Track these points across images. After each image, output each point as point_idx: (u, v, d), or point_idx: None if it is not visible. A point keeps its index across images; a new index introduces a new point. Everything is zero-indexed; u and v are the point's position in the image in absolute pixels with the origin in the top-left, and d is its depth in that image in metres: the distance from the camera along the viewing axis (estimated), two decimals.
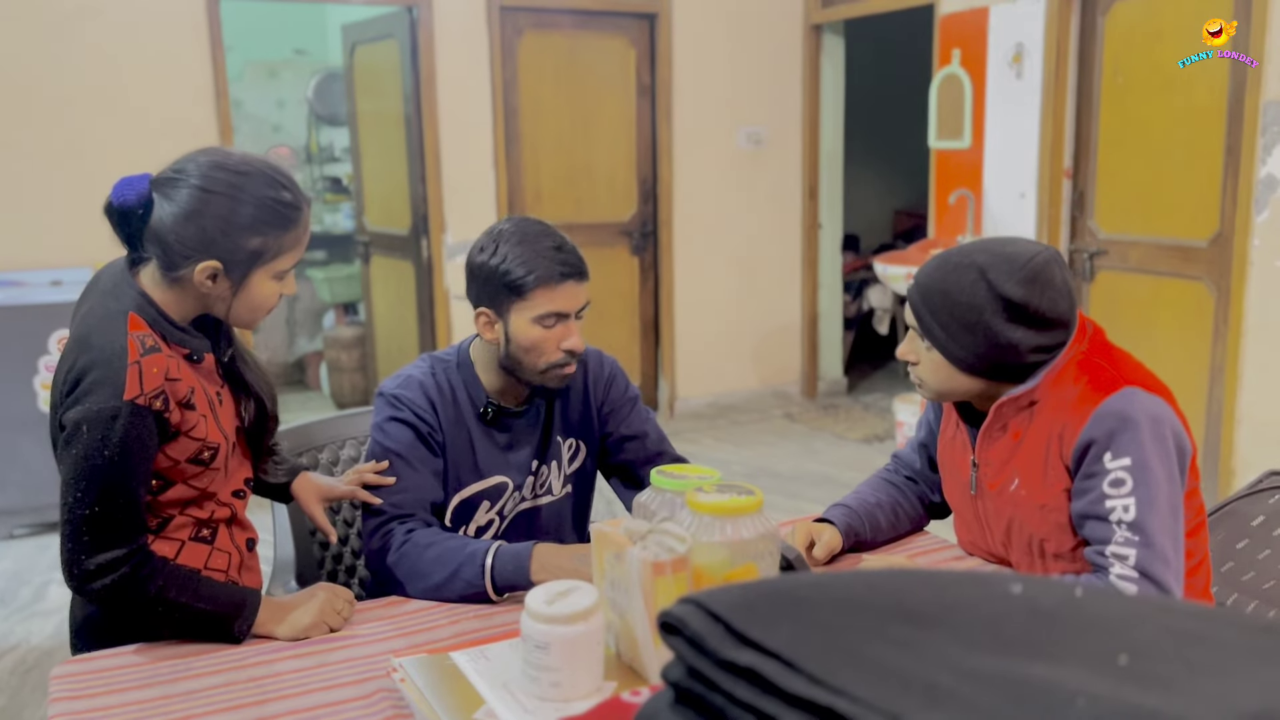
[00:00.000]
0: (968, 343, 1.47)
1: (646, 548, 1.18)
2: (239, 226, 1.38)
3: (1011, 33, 4.35)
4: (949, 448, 1.68)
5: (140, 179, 1.39)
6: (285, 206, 1.41)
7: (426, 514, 1.65)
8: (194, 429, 1.41)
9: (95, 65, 4.18)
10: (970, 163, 4.61)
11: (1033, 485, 1.52)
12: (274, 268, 1.43)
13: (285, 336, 6.53)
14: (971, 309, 1.46)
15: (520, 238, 1.63)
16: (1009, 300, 1.44)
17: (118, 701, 1.28)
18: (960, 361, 1.50)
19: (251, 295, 1.43)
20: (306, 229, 1.45)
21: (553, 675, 1.14)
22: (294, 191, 1.43)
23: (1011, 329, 1.45)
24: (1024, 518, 1.54)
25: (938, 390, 1.56)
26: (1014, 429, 1.53)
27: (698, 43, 5.32)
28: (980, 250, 1.49)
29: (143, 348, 1.35)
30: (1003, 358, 1.47)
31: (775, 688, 0.54)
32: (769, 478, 4.48)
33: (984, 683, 0.52)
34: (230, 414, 1.52)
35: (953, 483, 1.68)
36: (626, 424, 1.82)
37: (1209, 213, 3.71)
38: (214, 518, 1.51)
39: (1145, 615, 0.62)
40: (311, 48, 6.75)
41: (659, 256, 5.48)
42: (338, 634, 1.45)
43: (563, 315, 1.64)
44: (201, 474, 1.45)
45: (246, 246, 1.39)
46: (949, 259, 1.51)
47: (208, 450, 1.44)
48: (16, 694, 2.84)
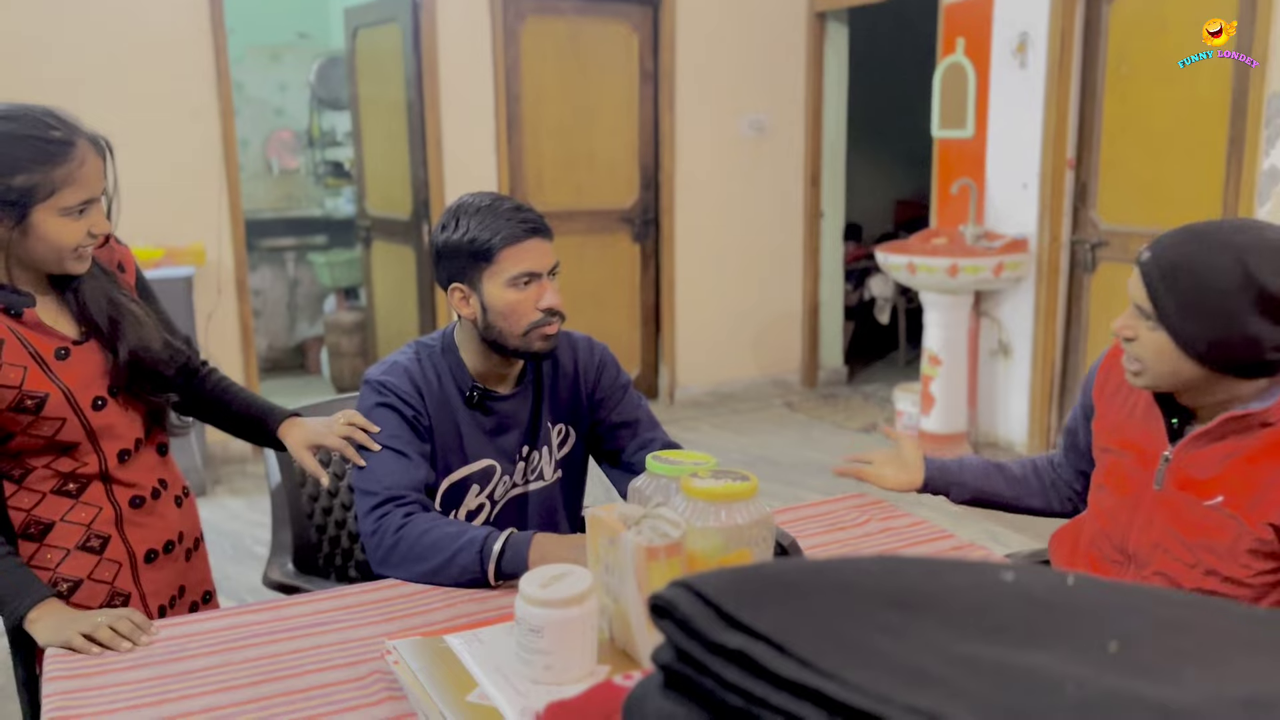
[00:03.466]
0: (1205, 327, 1.36)
1: (641, 532, 1.18)
2: (4, 167, 1.42)
3: (1016, 22, 4.33)
4: (1122, 430, 1.57)
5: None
6: (52, 143, 1.45)
7: (421, 496, 1.65)
8: (0, 377, 1.46)
9: (98, 47, 4.16)
10: (973, 152, 4.59)
11: (1238, 506, 1.42)
12: (55, 204, 1.46)
13: (286, 321, 6.53)
14: (1220, 293, 1.33)
15: (478, 207, 1.66)
16: (1265, 291, 1.32)
17: (111, 681, 1.28)
18: (1190, 347, 1.38)
19: (41, 234, 1.46)
20: (83, 163, 1.47)
21: (546, 658, 1.15)
22: (64, 129, 1.47)
23: (1259, 322, 1.33)
24: (1206, 533, 1.45)
25: (1156, 374, 1.44)
26: (1233, 443, 1.43)
27: (701, 29, 5.30)
28: (1238, 230, 1.37)
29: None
30: (1239, 351, 1.36)
31: (765, 670, 0.54)
32: (768, 466, 4.49)
33: (974, 668, 0.52)
34: (89, 368, 1.55)
35: (1123, 466, 1.57)
36: (618, 411, 1.83)
37: (1212, 204, 3.70)
38: (80, 472, 1.55)
39: (1137, 604, 0.62)
40: (314, 31, 6.73)
41: (660, 244, 5.47)
42: (332, 617, 1.45)
43: (534, 274, 1.66)
44: (37, 423, 1.50)
45: (14, 185, 1.43)
46: (1200, 234, 1.39)
47: (30, 399, 1.48)
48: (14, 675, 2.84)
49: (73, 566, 1.56)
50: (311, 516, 1.99)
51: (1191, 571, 1.46)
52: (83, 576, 1.57)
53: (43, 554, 1.55)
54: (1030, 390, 4.47)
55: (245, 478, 4.36)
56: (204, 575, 1.76)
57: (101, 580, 1.58)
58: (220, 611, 1.51)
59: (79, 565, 1.56)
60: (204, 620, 1.45)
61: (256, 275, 6.29)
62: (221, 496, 4.16)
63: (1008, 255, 4.31)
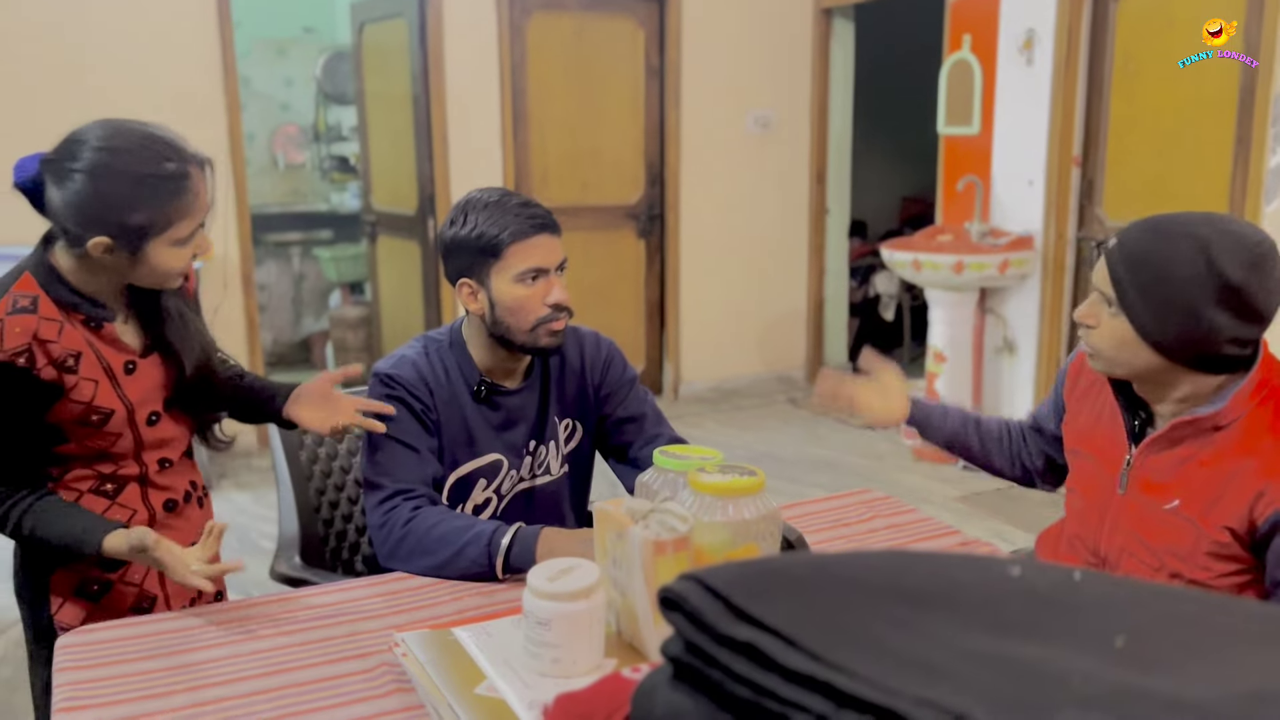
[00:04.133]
0: (1165, 317, 1.37)
1: (648, 526, 1.19)
2: (122, 206, 1.40)
3: (1023, 19, 4.32)
4: (1089, 434, 1.60)
5: (31, 160, 1.44)
6: (168, 179, 1.42)
7: (429, 490, 1.66)
8: (75, 390, 1.45)
9: (104, 40, 4.17)
10: (979, 149, 4.59)
11: (1193, 509, 1.44)
12: (169, 237, 1.44)
13: (291, 316, 6.54)
14: (1182, 283, 1.35)
15: (486, 203, 1.67)
16: (1227, 282, 1.33)
17: (122, 672, 1.29)
18: (1150, 336, 1.39)
19: (152, 264, 1.45)
20: (198, 195, 1.46)
21: (553, 651, 1.15)
22: (178, 160, 1.43)
23: (1218, 313, 1.35)
24: (1166, 537, 1.46)
25: (1112, 360, 1.46)
26: (1186, 448, 1.44)
27: (707, 25, 5.30)
28: (1202, 222, 1.38)
29: (13, 306, 1.41)
30: (1198, 342, 1.38)
31: (774, 663, 0.55)
32: (772, 462, 4.49)
33: (981, 662, 0.53)
34: (150, 382, 1.55)
35: (1089, 470, 1.60)
36: (624, 406, 1.83)
37: (1218, 202, 3.70)
38: (119, 474, 1.55)
39: (1142, 600, 0.63)
40: (320, 26, 6.73)
41: (665, 240, 5.47)
42: (339, 609, 1.46)
43: (542, 270, 1.66)
44: (95, 435, 1.49)
45: (132, 222, 1.41)
46: (1164, 226, 1.41)
47: (96, 414, 1.48)
48: (22, 665, 2.86)
49: (104, 567, 1.55)
50: (318, 510, 2.00)
51: (1157, 575, 1.47)
52: (114, 579, 1.56)
53: None
54: (1035, 388, 4.46)
55: (251, 472, 4.37)
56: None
57: (131, 583, 1.58)
58: (228, 604, 1.51)
59: (109, 566, 1.55)
60: (213, 613, 1.46)
61: (262, 270, 6.30)
62: (228, 490, 4.17)
63: (1013, 252, 4.31)
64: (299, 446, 2.00)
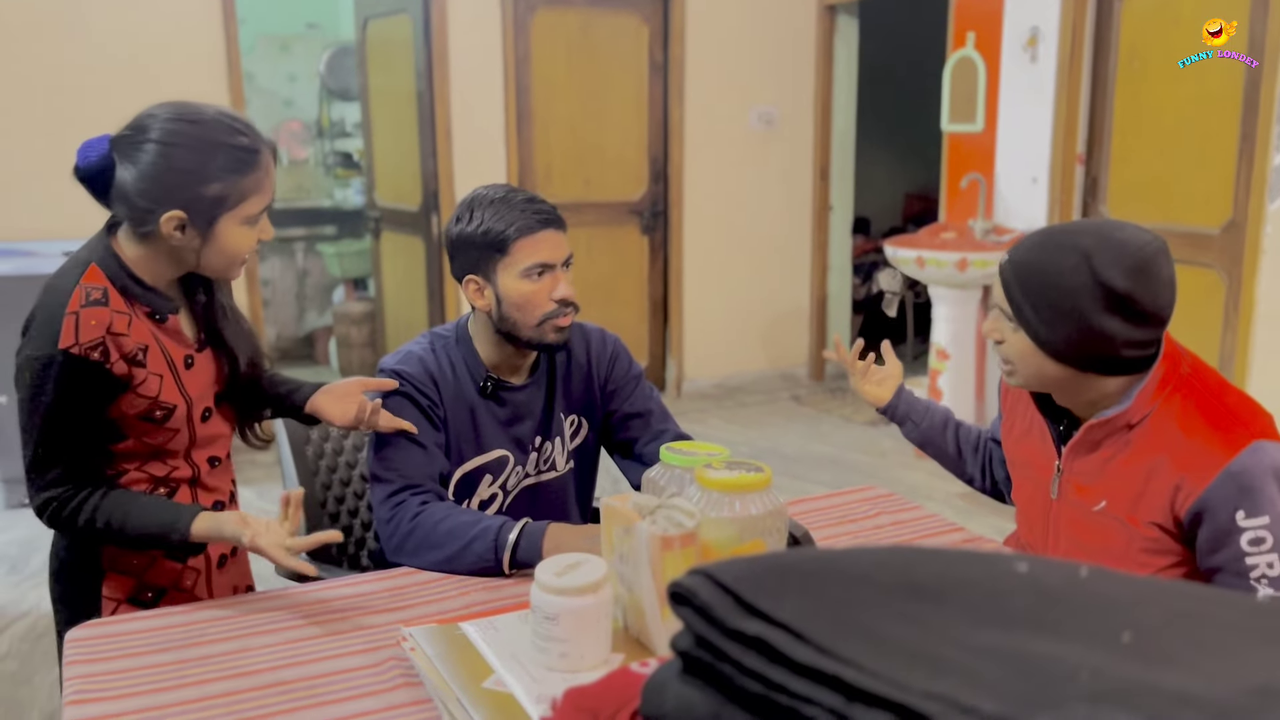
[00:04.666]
0: (1058, 328, 1.41)
1: (655, 522, 1.19)
2: (199, 175, 1.40)
3: (1027, 16, 4.32)
4: (1023, 443, 1.63)
5: (100, 141, 1.42)
6: (243, 151, 1.42)
7: (435, 485, 1.67)
8: (142, 385, 1.44)
9: (108, 36, 4.18)
10: (983, 146, 4.59)
11: (1120, 509, 1.46)
12: (240, 213, 1.44)
13: (295, 311, 6.55)
14: (1068, 293, 1.38)
15: (492, 199, 1.67)
16: (1111, 289, 1.36)
17: (131, 665, 1.30)
18: (1048, 346, 1.43)
19: (222, 242, 1.45)
20: (268, 173, 1.47)
21: (561, 646, 1.16)
22: (251, 136, 1.44)
23: (1108, 319, 1.38)
24: (1101, 538, 1.49)
25: (1025, 376, 1.49)
26: (1106, 449, 1.48)
27: (711, 21, 5.29)
28: (1086, 232, 1.41)
29: (86, 299, 1.39)
30: (1094, 349, 1.41)
31: (783, 657, 0.55)
32: (775, 459, 4.49)
33: (989, 656, 0.53)
34: (206, 378, 1.55)
35: (1027, 483, 1.63)
36: (630, 402, 1.84)
37: (1222, 200, 3.69)
38: (172, 477, 1.54)
39: (1149, 596, 0.63)
40: (324, 22, 6.73)
41: (669, 236, 5.47)
42: (347, 604, 1.47)
43: (548, 266, 1.67)
44: (155, 431, 1.48)
45: (208, 193, 1.40)
46: (1051, 237, 1.44)
47: (160, 410, 1.47)
48: (28, 659, 2.87)
49: (158, 575, 1.55)
50: (324, 505, 2.01)
51: None
52: (166, 585, 1.56)
53: (127, 559, 1.53)
54: None
55: (256, 467, 4.38)
56: (246, 570, 1.75)
57: (183, 588, 1.58)
58: (236, 599, 1.52)
59: (164, 574, 1.56)
60: (221, 606, 1.47)
61: (266, 265, 6.31)
62: None
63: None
64: (305, 441, 2.01)
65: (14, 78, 4.07)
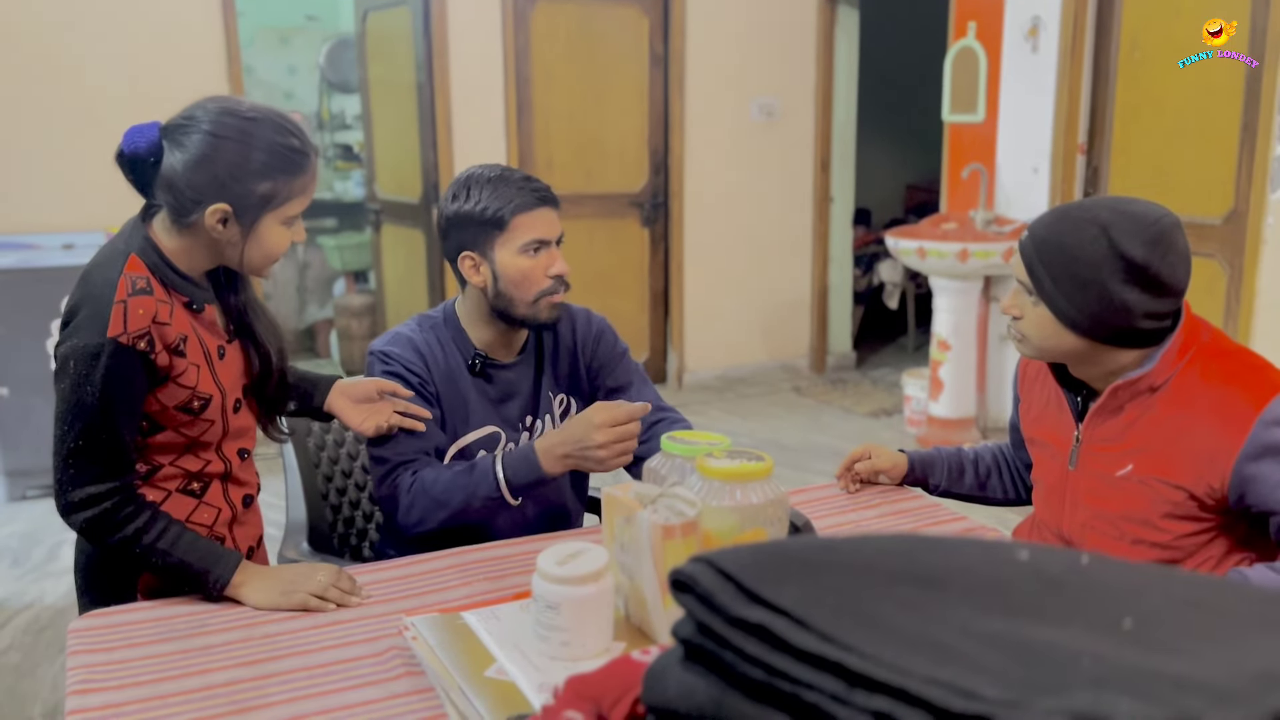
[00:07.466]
0: (1079, 300, 1.44)
1: (657, 511, 1.19)
2: (249, 171, 1.39)
3: (1028, 5, 4.31)
4: (1041, 420, 1.65)
5: (150, 127, 1.41)
6: (294, 152, 1.43)
7: (430, 460, 1.71)
8: (182, 375, 1.44)
9: (108, 29, 4.16)
10: (984, 137, 4.58)
11: (1145, 472, 1.48)
12: (283, 213, 1.45)
13: (296, 304, 6.54)
14: (1088, 265, 1.42)
15: (489, 178, 1.71)
16: (1130, 260, 1.40)
17: (134, 655, 1.30)
18: (1068, 319, 1.46)
19: (262, 240, 1.45)
20: (314, 176, 1.47)
21: (563, 635, 1.16)
22: (302, 139, 1.45)
23: (1127, 290, 1.41)
24: (1121, 504, 1.51)
25: (1039, 347, 1.52)
26: (1130, 412, 1.50)
27: (711, 12, 5.28)
28: (1103, 207, 1.45)
29: (132, 288, 1.38)
30: (1113, 320, 1.44)
31: (785, 644, 0.55)
32: (776, 450, 4.49)
33: (991, 643, 0.53)
34: (236, 369, 1.55)
35: (1045, 455, 1.64)
36: (614, 377, 1.87)
37: (1224, 190, 3.69)
38: (205, 471, 1.53)
39: (1150, 583, 0.63)
40: (323, 14, 6.72)
41: (669, 228, 5.47)
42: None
43: (544, 242, 1.71)
44: (192, 423, 1.48)
45: (256, 191, 1.41)
46: (1069, 213, 1.47)
47: (198, 400, 1.46)
48: (30, 652, 2.88)
49: None
50: (326, 497, 2.01)
51: (1119, 544, 1.52)
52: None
53: None
54: None
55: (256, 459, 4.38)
56: (265, 563, 1.76)
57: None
58: None
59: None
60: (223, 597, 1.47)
61: None
62: None
63: (1018, 240, 4.30)
64: (306, 434, 2.01)
65: (12, 70, 4.06)
